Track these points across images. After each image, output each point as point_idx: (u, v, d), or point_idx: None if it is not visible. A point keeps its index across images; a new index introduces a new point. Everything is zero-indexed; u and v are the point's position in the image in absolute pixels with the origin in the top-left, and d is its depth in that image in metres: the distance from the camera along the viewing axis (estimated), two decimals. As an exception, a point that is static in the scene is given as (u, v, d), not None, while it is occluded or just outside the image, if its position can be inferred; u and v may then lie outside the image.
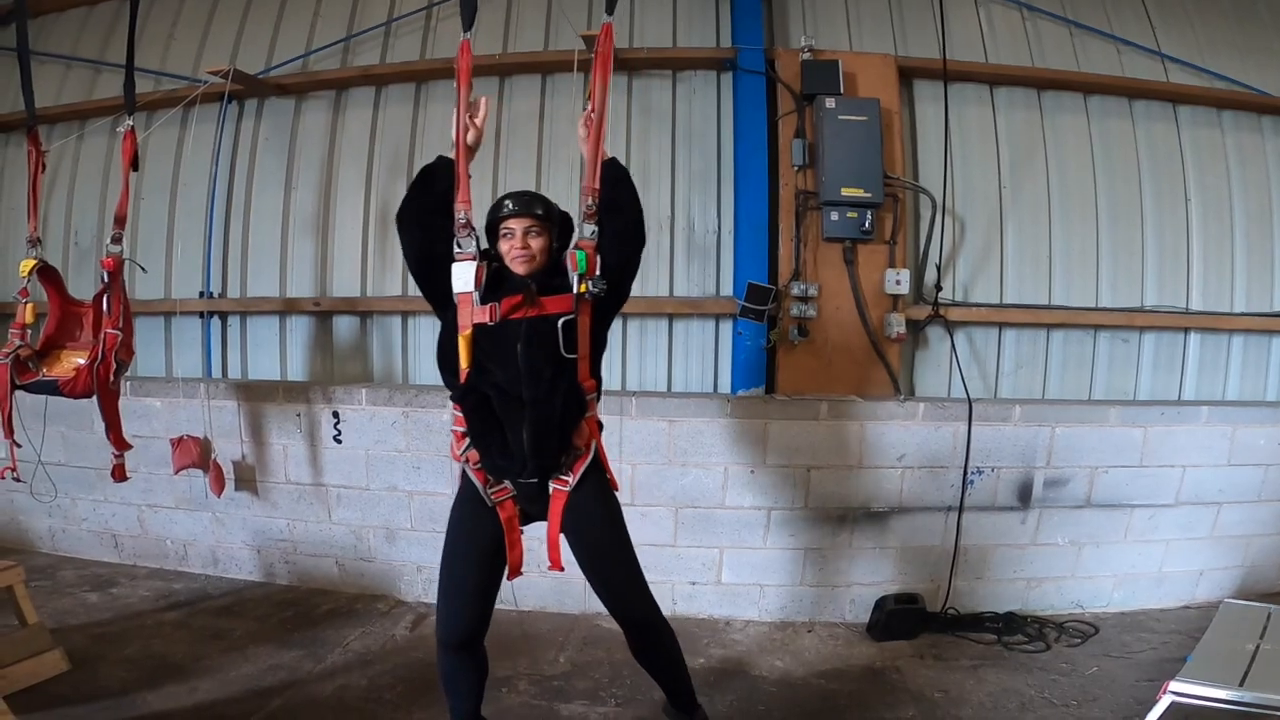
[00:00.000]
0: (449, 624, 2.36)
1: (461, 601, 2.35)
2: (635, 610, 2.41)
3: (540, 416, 2.23)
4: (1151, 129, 4.42)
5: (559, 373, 2.25)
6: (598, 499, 2.38)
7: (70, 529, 4.48)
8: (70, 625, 3.54)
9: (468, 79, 2.42)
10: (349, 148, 4.59)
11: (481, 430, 2.28)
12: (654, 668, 2.57)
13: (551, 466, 2.31)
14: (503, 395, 2.23)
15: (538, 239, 2.33)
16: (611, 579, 2.41)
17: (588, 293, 2.25)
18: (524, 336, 2.24)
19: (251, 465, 4.13)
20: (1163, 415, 3.85)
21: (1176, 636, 3.57)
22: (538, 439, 2.24)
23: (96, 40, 5.03)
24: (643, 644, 2.49)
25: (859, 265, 4.06)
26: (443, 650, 2.39)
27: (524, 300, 2.26)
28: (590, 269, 2.26)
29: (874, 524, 3.75)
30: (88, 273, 4.65)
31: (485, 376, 2.25)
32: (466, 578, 2.35)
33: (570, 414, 2.29)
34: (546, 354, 2.25)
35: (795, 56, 4.13)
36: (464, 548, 2.37)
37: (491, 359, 2.25)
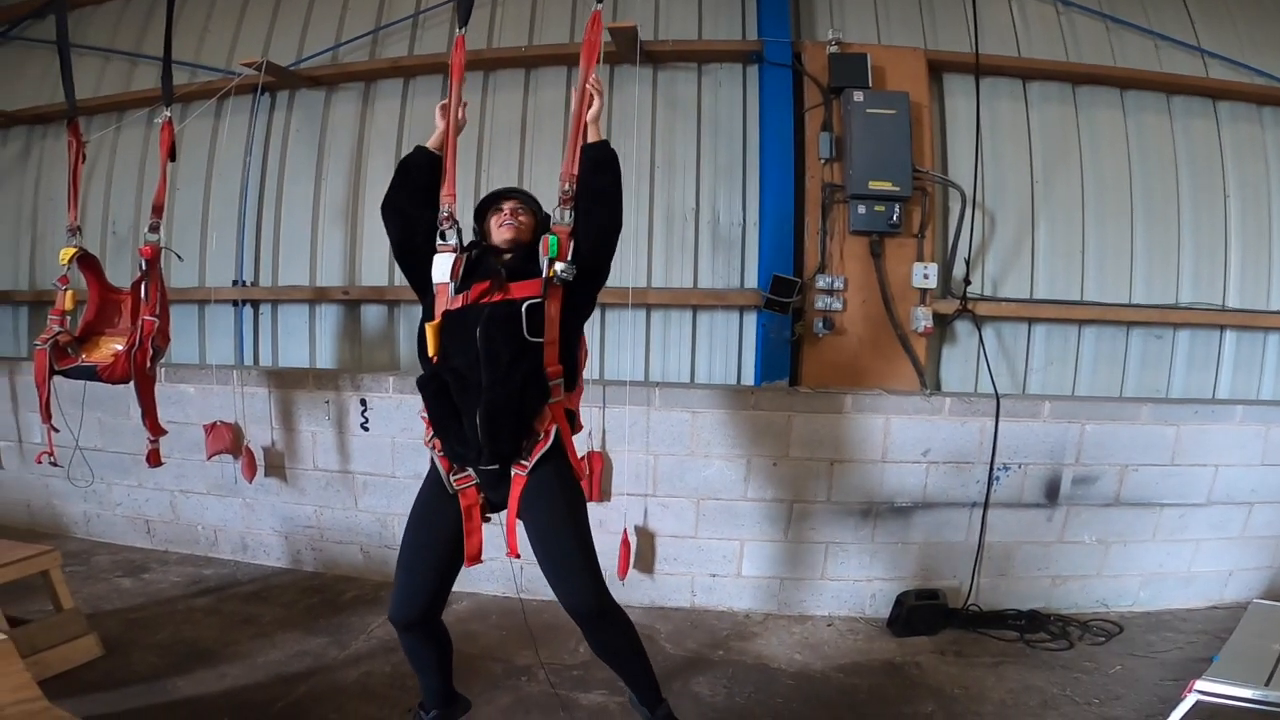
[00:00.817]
0: (396, 604, 2.36)
1: (412, 585, 2.36)
2: (581, 599, 2.32)
3: (495, 400, 2.22)
4: (1190, 124, 4.33)
5: (518, 356, 2.24)
6: (552, 483, 2.32)
7: (105, 514, 4.59)
8: (104, 610, 3.60)
9: (461, 73, 2.49)
10: (378, 138, 4.65)
11: (440, 417, 2.30)
12: (612, 661, 2.52)
13: (509, 453, 2.29)
14: (460, 381, 2.25)
15: (525, 217, 2.42)
16: (557, 564, 2.32)
17: (556, 277, 2.25)
18: (484, 320, 2.24)
19: (281, 451, 4.20)
20: (1196, 414, 3.78)
21: (1203, 636, 3.53)
22: (491, 423, 2.22)
23: (133, 32, 5.13)
24: (595, 636, 2.43)
25: (886, 258, 4.03)
26: (397, 631, 2.41)
27: (492, 285, 2.27)
28: (561, 253, 2.27)
29: (897, 519, 3.73)
30: (125, 261, 4.76)
31: (446, 363, 2.27)
32: (421, 562, 2.36)
33: (530, 399, 2.27)
34: (506, 337, 2.24)
35: (822, 49, 4.11)
36: (421, 534, 2.39)
37: (453, 344, 2.27)
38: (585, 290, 2.36)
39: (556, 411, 2.34)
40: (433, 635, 2.44)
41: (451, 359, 2.27)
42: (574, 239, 2.31)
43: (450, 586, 2.41)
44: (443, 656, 2.50)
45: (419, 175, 2.47)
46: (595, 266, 2.36)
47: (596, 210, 2.34)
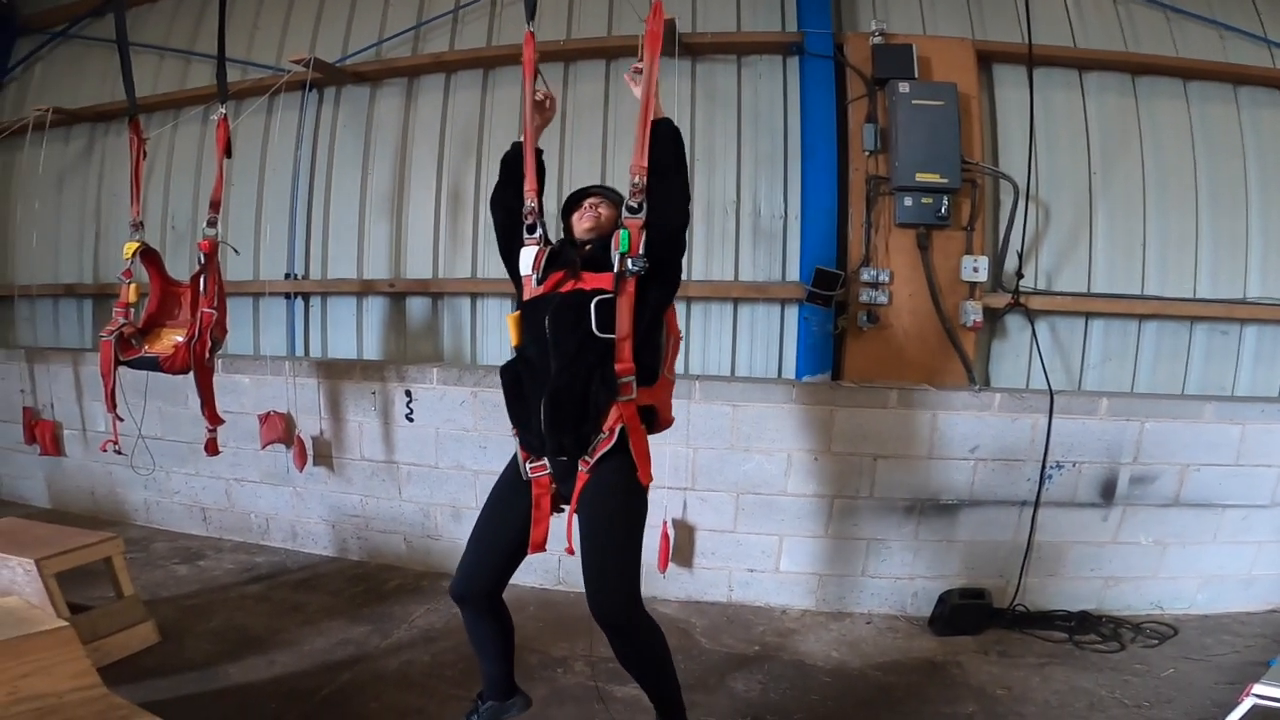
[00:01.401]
0: (458, 578, 2.39)
1: (476, 562, 2.38)
2: (602, 608, 2.21)
3: (559, 389, 2.22)
4: (1258, 115, 4.16)
5: (585, 347, 2.23)
6: (609, 485, 2.27)
7: (164, 501, 4.75)
8: (161, 597, 3.69)
9: (533, 69, 2.48)
10: (421, 132, 4.72)
11: (509, 403, 2.35)
12: (635, 674, 2.42)
13: (573, 445, 2.26)
14: (531, 370, 2.28)
15: (607, 210, 2.45)
16: (591, 568, 2.24)
17: (628, 270, 2.23)
18: (552, 308, 2.27)
19: (329, 441, 4.30)
20: (1263, 412, 3.62)
21: (1261, 640, 3.39)
22: (555, 412, 2.22)
23: (187, 30, 5.28)
24: (618, 647, 2.32)
25: (933, 251, 3.95)
26: (457, 606, 2.42)
27: (566, 275, 2.30)
28: (633, 247, 2.25)
29: (942, 516, 3.66)
30: (183, 255, 4.91)
31: (522, 352, 2.32)
32: (486, 539, 2.39)
33: (596, 394, 2.23)
34: (572, 326, 2.24)
35: (865, 40, 4.04)
36: (493, 515, 2.41)
37: (528, 333, 2.31)
38: (658, 284, 2.30)
39: (627, 410, 2.27)
40: (493, 613, 2.42)
41: (526, 348, 2.33)
42: (644, 231, 2.28)
43: (514, 569, 2.42)
44: (504, 640, 2.49)
45: (518, 169, 2.49)
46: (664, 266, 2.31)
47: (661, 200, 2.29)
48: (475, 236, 4.61)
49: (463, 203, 4.63)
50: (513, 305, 2.46)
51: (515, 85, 4.54)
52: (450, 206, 4.64)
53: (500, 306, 4.57)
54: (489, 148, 4.58)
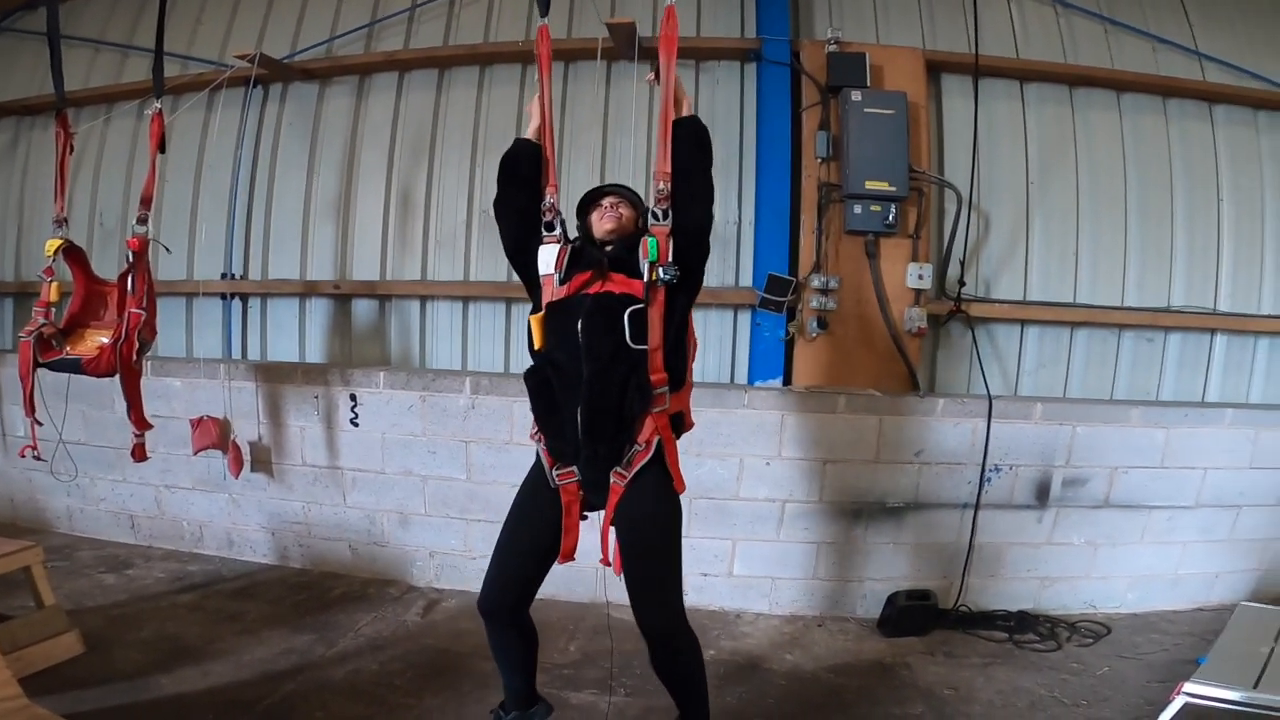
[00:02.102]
0: (486, 590, 2.33)
1: (503, 572, 2.33)
2: (656, 619, 2.26)
3: (596, 394, 2.18)
4: (1186, 127, 4.35)
5: (618, 351, 2.18)
6: (652, 497, 2.26)
7: (88, 509, 4.54)
8: (86, 607, 3.55)
9: (549, 65, 2.43)
10: (371, 133, 4.61)
11: (542, 411, 2.29)
12: (671, 683, 2.43)
13: (608, 454, 2.24)
14: (561, 374, 2.22)
15: (629, 209, 2.40)
16: (641, 581, 2.26)
17: (659, 279, 2.18)
18: (585, 310, 2.20)
19: (268, 447, 4.16)
20: (1186, 416, 3.80)
21: (1189, 638, 3.55)
22: (592, 418, 2.18)
23: (125, 24, 5.08)
24: (661, 656, 2.35)
25: (881, 259, 4.03)
26: (484, 620, 2.36)
27: (594, 276, 2.23)
28: (662, 256, 2.20)
29: (889, 519, 3.73)
30: (112, 253, 4.69)
31: (550, 356, 2.25)
32: (515, 551, 2.33)
33: (631, 401, 2.21)
34: (606, 329, 2.19)
35: (820, 48, 4.10)
36: (520, 523, 2.35)
37: (556, 336, 2.24)
38: (685, 290, 2.28)
39: (660, 421, 2.26)
40: (520, 627, 2.38)
41: (553, 352, 2.25)
42: (672, 239, 2.24)
43: (541, 581, 2.37)
44: (528, 653, 2.45)
45: (528, 167, 2.39)
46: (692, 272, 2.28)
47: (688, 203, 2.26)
48: (426, 239, 4.52)
49: (413, 204, 4.53)
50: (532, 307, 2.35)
51: (471, 86, 4.50)
52: (400, 208, 4.54)
53: (450, 309, 4.50)
54: (442, 149, 4.51)
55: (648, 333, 2.19)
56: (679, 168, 2.27)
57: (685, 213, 2.25)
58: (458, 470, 3.90)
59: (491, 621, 2.35)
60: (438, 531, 3.97)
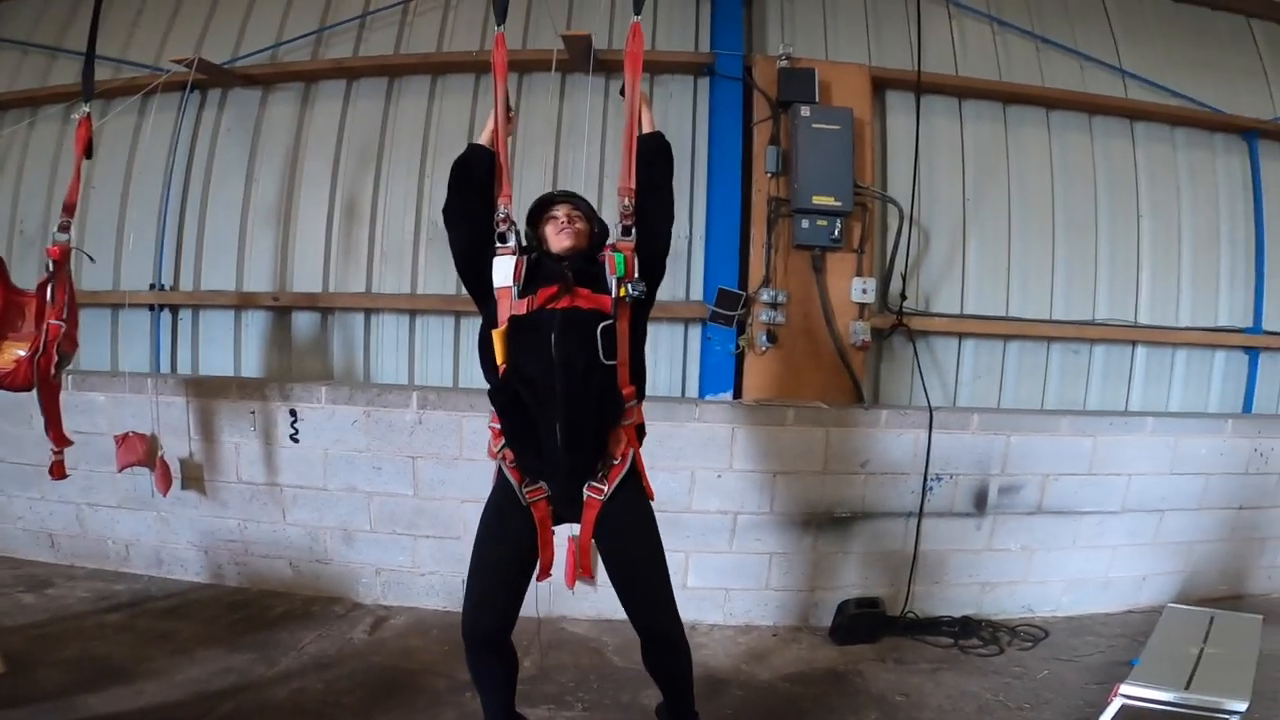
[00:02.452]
0: (474, 620, 2.30)
1: (488, 599, 2.30)
2: (660, 622, 2.34)
3: (575, 412, 2.18)
4: (1109, 144, 4.57)
5: (592, 365, 2.19)
6: (634, 508, 2.33)
7: (5, 527, 4.28)
8: (5, 626, 3.39)
9: (504, 72, 2.42)
10: (316, 140, 4.49)
11: (515, 428, 2.26)
12: (663, 680, 2.50)
13: (586, 469, 2.26)
14: (534, 391, 2.19)
15: (581, 222, 2.36)
16: (642, 589, 2.33)
17: (627, 296, 2.21)
18: (559, 326, 2.19)
19: (200, 464, 3.99)
20: (1111, 425, 3.98)
21: (1122, 640, 3.69)
22: (571, 433, 2.19)
23: (55, 27, 4.85)
24: (659, 656, 2.41)
25: (827, 273, 4.11)
26: (467, 646, 2.32)
27: (560, 290, 2.22)
28: (629, 272, 2.23)
29: (838, 529, 3.79)
30: (32, 262, 4.42)
31: (518, 372, 2.21)
32: (495, 576, 2.31)
33: (607, 415, 2.24)
34: (581, 344, 2.19)
35: (773, 64, 4.16)
36: (495, 546, 2.32)
37: (524, 351, 2.20)
38: (645, 306, 2.33)
39: (630, 432, 2.32)
40: (503, 652, 2.37)
41: (522, 367, 2.20)
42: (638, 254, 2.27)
43: (522, 600, 2.34)
44: (511, 676, 2.43)
45: (482, 173, 2.36)
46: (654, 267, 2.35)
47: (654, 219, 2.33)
48: (371, 250, 4.41)
49: (358, 215, 4.42)
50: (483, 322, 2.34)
51: (422, 96, 4.43)
52: (344, 218, 4.43)
53: (396, 323, 4.39)
54: (390, 159, 4.42)
55: (617, 348, 2.22)
56: (647, 182, 2.30)
57: (655, 232, 2.31)
58: (404, 486, 3.80)
59: (478, 648, 2.32)
60: (384, 548, 3.86)
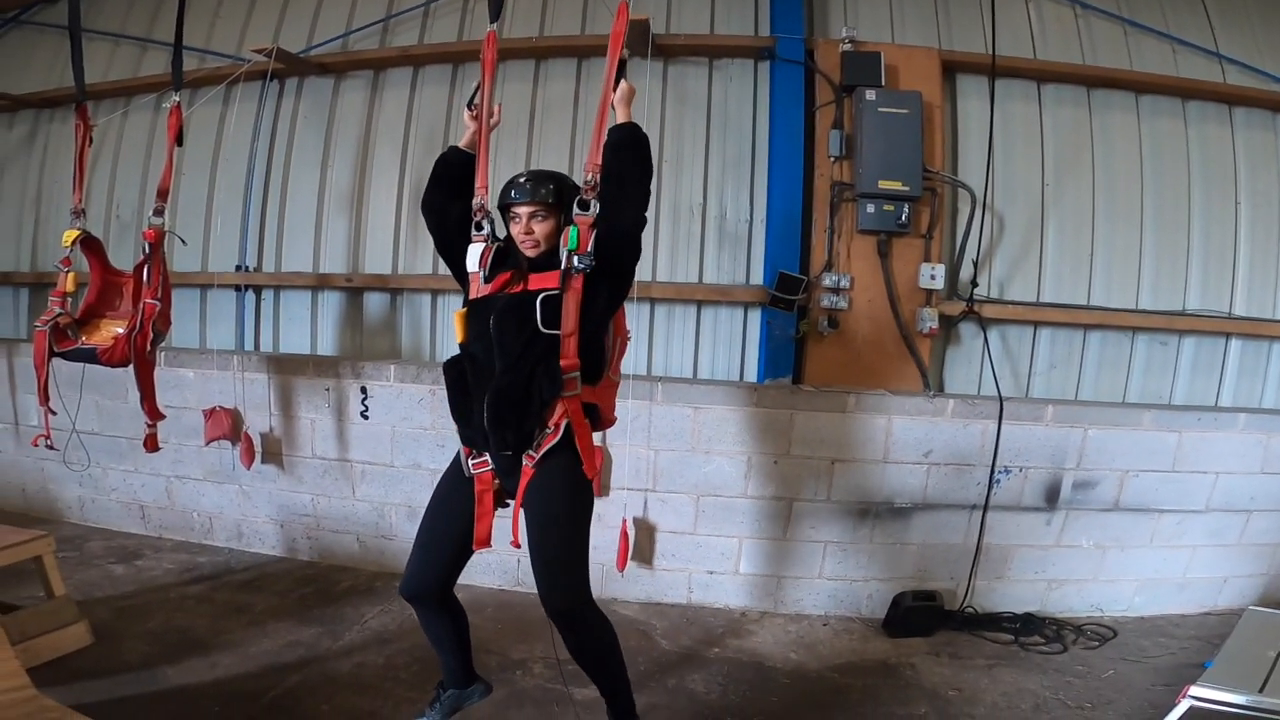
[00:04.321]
0: (407, 579, 2.45)
1: (424, 562, 2.42)
2: (555, 599, 2.30)
3: (501, 388, 2.25)
4: (1205, 130, 4.31)
5: (530, 346, 2.24)
6: (555, 481, 2.31)
7: (99, 499, 4.57)
8: (95, 597, 3.56)
9: (492, 69, 2.51)
10: (385, 127, 4.62)
11: (453, 401, 2.36)
12: (585, 667, 2.47)
13: (516, 441, 2.28)
14: (476, 367, 2.30)
15: (543, 223, 2.34)
16: (541, 559, 2.31)
17: (574, 268, 2.24)
18: (498, 310, 2.27)
19: (279, 438, 4.19)
20: (1199, 421, 3.78)
21: (1195, 642, 3.53)
22: (496, 410, 2.24)
23: (145, 18, 5.10)
24: (568, 639, 2.39)
25: (893, 258, 4.01)
26: (409, 604, 2.50)
27: (513, 277, 2.32)
28: (581, 245, 2.25)
29: (896, 519, 3.73)
30: (128, 245, 4.73)
31: (467, 349, 2.34)
32: (432, 538, 2.43)
33: (539, 390, 2.25)
34: (516, 326, 2.25)
35: (835, 47, 4.08)
36: (438, 514, 2.45)
37: (473, 331, 2.32)
38: (609, 285, 2.32)
39: (572, 406, 2.30)
40: (446, 610, 2.48)
41: (471, 345, 2.33)
42: (595, 230, 2.28)
43: (462, 567, 2.46)
44: (459, 633, 2.54)
45: (454, 171, 2.52)
46: (615, 268, 2.31)
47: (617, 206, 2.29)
48: (437, 234, 4.54)
49: (426, 198, 4.54)
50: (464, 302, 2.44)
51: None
52: (412, 203, 4.53)
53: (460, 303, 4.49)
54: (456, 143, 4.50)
55: (561, 318, 2.24)
56: (612, 173, 2.31)
57: (616, 218, 2.29)
58: (465, 464, 3.91)
59: (417, 605, 2.47)
60: (445, 525, 3.99)
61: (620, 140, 2.35)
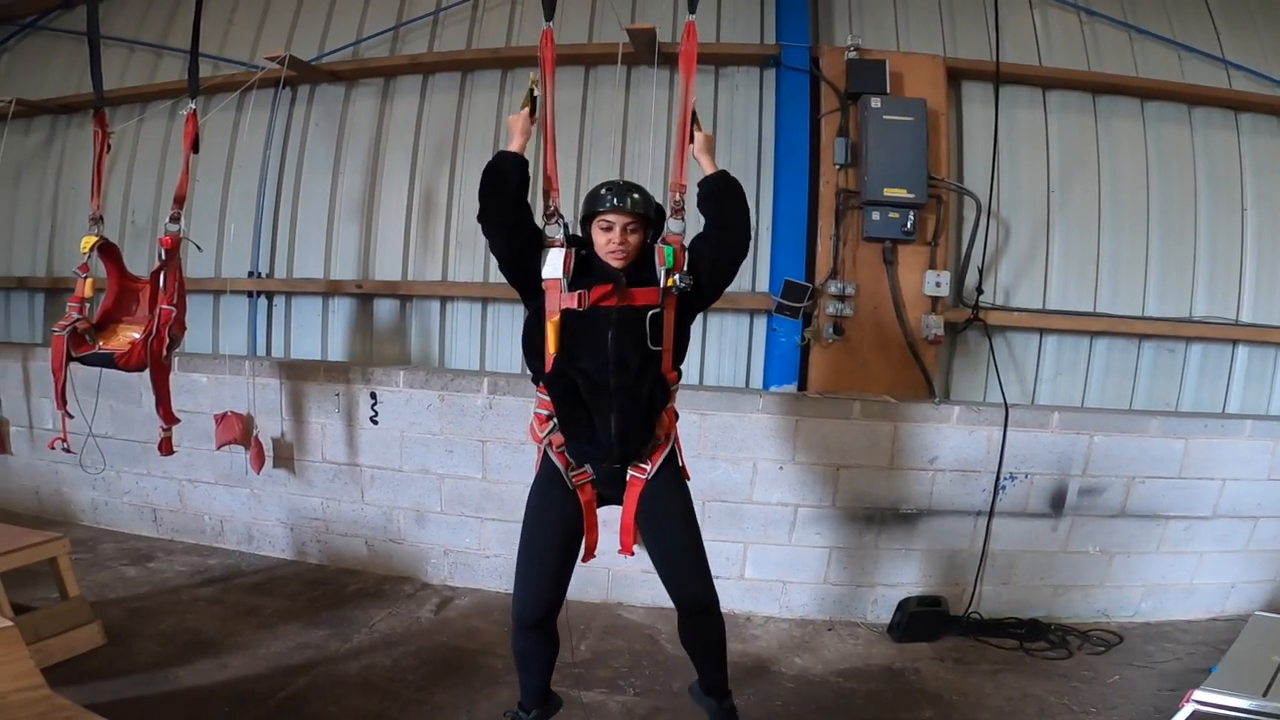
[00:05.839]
0: (528, 603, 2.41)
1: (541, 582, 2.41)
2: (698, 593, 2.44)
3: (628, 404, 2.31)
4: (1210, 136, 4.31)
5: (646, 362, 2.32)
6: (673, 486, 2.45)
7: (112, 502, 4.63)
8: (108, 599, 3.61)
9: (552, 68, 2.52)
10: (396, 134, 4.67)
11: (569, 415, 2.35)
12: (699, 652, 2.59)
13: (634, 453, 2.39)
14: (589, 382, 2.31)
15: (634, 235, 2.37)
16: (679, 561, 2.44)
17: (674, 288, 2.30)
18: (615, 325, 2.31)
19: (290, 443, 4.23)
20: (1205, 427, 3.78)
21: (1201, 648, 3.53)
22: (625, 426, 2.32)
23: (159, 25, 5.17)
24: (695, 627, 2.52)
25: (899, 266, 4.03)
26: (519, 628, 2.44)
27: (613, 290, 2.32)
28: (678, 264, 2.31)
29: (901, 525, 3.74)
30: (142, 250, 4.78)
31: (573, 363, 2.32)
32: (547, 558, 2.41)
33: (656, 403, 2.36)
34: (635, 344, 2.31)
35: (840, 55, 4.10)
36: (545, 529, 2.43)
37: (579, 345, 2.32)
38: (699, 302, 2.44)
39: (670, 416, 2.46)
40: (550, 634, 2.48)
41: (578, 359, 2.32)
42: (693, 256, 2.36)
43: (568, 583, 2.46)
44: (552, 657, 2.55)
45: (516, 179, 2.39)
46: (714, 292, 2.44)
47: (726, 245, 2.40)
48: (447, 240, 4.57)
49: (435, 206, 4.58)
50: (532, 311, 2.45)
51: (493, 90, 4.54)
52: (422, 209, 4.60)
53: (470, 310, 4.54)
54: (464, 151, 4.55)
55: (663, 335, 2.33)
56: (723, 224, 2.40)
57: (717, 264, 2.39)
58: (474, 469, 3.95)
59: (529, 631, 2.43)
60: (453, 530, 4.02)
61: (715, 192, 2.43)
